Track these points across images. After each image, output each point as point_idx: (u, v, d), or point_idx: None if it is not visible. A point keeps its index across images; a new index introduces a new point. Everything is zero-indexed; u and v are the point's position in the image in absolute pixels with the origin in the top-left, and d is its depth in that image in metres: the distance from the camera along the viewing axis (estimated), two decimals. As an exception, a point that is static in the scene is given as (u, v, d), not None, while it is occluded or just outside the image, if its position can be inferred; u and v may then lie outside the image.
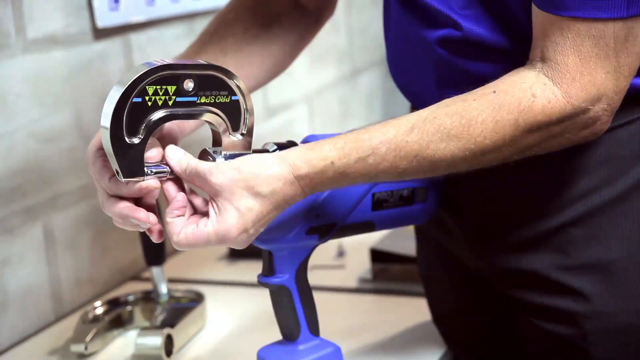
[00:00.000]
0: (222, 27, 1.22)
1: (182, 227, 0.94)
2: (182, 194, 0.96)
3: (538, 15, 0.98)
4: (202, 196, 0.98)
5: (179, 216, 0.95)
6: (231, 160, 0.95)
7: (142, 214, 0.95)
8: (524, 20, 1.02)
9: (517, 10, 1.03)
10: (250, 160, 0.94)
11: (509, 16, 1.04)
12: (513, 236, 1.12)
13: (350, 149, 0.94)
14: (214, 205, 0.93)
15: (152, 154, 0.95)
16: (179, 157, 0.95)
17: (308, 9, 1.27)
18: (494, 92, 0.97)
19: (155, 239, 0.97)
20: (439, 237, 1.26)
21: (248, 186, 0.92)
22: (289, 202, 0.94)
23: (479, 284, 1.22)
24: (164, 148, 0.97)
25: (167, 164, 0.96)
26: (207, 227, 0.93)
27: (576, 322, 1.09)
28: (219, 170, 0.93)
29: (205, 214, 0.95)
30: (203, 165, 0.94)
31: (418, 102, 1.17)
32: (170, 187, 0.96)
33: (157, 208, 0.97)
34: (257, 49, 1.22)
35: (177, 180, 0.97)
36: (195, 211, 0.97)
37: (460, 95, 0.98)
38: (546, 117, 0.96)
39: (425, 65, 1.11)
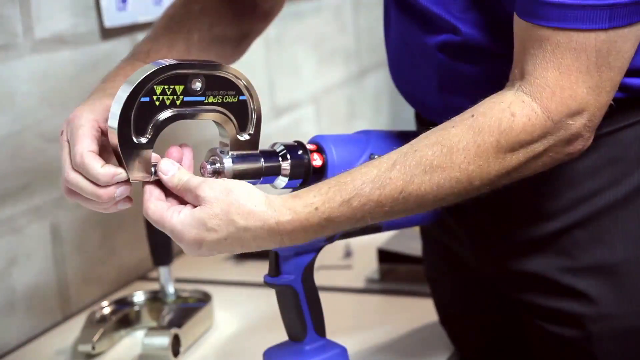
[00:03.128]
0: (189, 20, 1.19)
1: (157, 197, 0.94)
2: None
3: (518, 27, 0.96)
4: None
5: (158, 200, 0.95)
6: (224, 180, 0.94)
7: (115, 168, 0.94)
8: None
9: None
10: (241, 189, 0.93)
11: (508, 20, 1.02)
12: (517, 238, 1.12)
13: (334, 192, 0.93)
14: (190, 209, 0.93)
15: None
16: (172, 172, 0.95)
17: (263, 7, 1.25)
18: (472, 116, 0.95)
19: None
20: (444, 238, 1.25)
21: (227, 211, 0.91)
22: (259, 245, 0.93)
23: (485, 286, 1.22)
24: None
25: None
26: (172, 217, 0.92)
27: (582, 325, 1.09)
28: (207, 184, 0.93)
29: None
30: (194, 180, 0.93)
31: (421, 107, 1.17)
32: None
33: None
34: (218, 49, 1.20)
35: None
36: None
37: (439, 125, 0.96)
38: (527, 135, 0.94)
39: (426, 71, 1.11)
